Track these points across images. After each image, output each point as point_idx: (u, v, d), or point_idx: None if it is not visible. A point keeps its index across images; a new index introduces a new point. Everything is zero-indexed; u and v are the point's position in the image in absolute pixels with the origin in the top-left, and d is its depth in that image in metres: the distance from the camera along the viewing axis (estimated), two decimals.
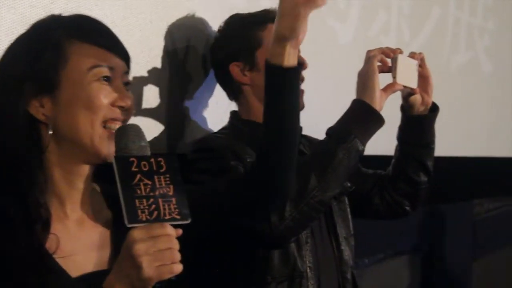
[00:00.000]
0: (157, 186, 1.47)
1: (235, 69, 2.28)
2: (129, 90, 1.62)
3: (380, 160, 2.57)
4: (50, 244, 1.51)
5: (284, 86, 1.72)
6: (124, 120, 1.60)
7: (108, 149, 1.56)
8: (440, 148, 2.54)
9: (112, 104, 1.57)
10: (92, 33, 1.59)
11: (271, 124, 1.76)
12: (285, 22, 1.69)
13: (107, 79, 1.57)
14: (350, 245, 2.37)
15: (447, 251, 4.57)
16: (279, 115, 1.74)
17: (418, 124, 2.40)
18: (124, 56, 1.64)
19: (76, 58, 1.56)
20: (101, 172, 1.64)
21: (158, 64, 2.33)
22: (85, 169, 1.60)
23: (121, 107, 1.58)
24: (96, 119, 1.55)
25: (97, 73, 1.56)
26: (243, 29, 2.29)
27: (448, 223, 4.56)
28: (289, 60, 1.70)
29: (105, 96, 1.56)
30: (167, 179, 1.49)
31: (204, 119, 2.52)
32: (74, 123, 1.54)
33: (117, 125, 1.57)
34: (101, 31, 1.62)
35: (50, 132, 1.56)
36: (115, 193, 1.60)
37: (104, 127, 1.56)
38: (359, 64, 2.22)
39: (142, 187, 1.46)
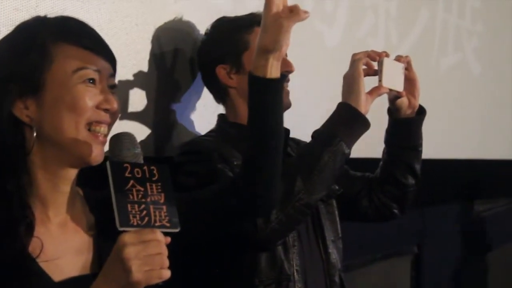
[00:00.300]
0: (149, 193, 1.50)
1: (221, 71, 2.28)
2: (115, 93, 1.61)
3: (368, 163, 2.57)
4: (33, 248, 1.50)
5: (267, 97, 1.76)
6: (110, 123, 1.60)
7: (92, 152, 1.56)
8: (429, 150, 2.54)
9: (97, 107, 1.56)
10: (77, 34, 1.59)
11: (255, 134, 1.79)
12: (269, 35, 1.73)
13: (93, 81, 1.57)
14: (337, 248, 2.37)
15: (436, 253, 4.57)
16: (262, 126, 1.78)
17: (405, 127, 2.41)
18: (110, 58, 1.63)
19: (61, 60, 1.55)
20: (83, 176, 1.64)
21: (144, 67, 2.32)
22: (70, 173, 1.60)
23: (106, 110, 1.58)
24: (80, 121, 1.54)
25: (82, 75, 1.55)
26: (230, 32, 2.29)
27: (438, 225, 4.57)
28: (272, 72, 1.74)
29: (90, 98, 1.55)
30: (159, 187, 1.51)
31: (191, 122, 2.52)
32: (59, 125, 1.54)
33: (102, 127, 1.57)
34: (86, 33, 1.62)
35: (35, 134, 1.55)
36: (98, 197, 1.62)
37: (89, 129, 1.56)
38: (346, 67, 2.22)
39: (135, 193, 1.48)
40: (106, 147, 1.59)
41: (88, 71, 1.56)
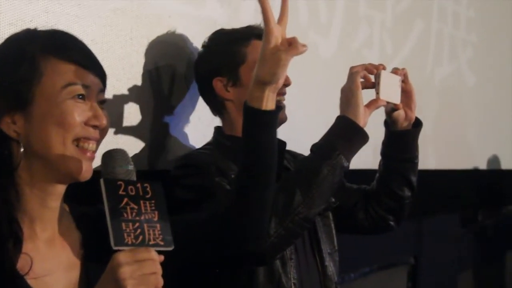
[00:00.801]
0: (143, 211, 1.49)
1: (218, 84, 2.27)
2: (104, 109, 1.60)
3: (364, 174, 2.56)
4: (22, 265, 1.48)
5: (261, 128, 1.77)
6: (98, 140, 1.58)
7: (80, 168, 1.54)
8: (424, 161, 2.53)
9: (86, 123, 1.54)
10: (67, 49, 1.56)
11: (248, 164, 1.79)
12: (266, 67, 1.73)
13: (82, 97, 1.54)
14: (334, 261, 2.37)
15: (433, 264, 4.56)
16: (255, 156, 1.78)
17: (401, 139, 2.40)
18: (100, 73, 1.61)
19: (51, 75, 1.53)
20: (69, 192, 1.62)
21: (139, 81, 2.31)
22: (57, 188, 1.58)
23: (95, 126, 1.56)
24: (68, 137, 1.52)
25: (72, 91, 1.53)
26: (227, 44, 2.28)
27: (433, 236, 4.56)
28: (268, 104, 1.75)
29: (78, 114, 1.53)
30: (153, 205, 1.50)
31: (186, 135, 2.51)
32: (46, 140, 1.52)
33: (91, 144, 1.55)
34: (77, 48, 1.60)
35: (22, 149, 1.53)
36: (84, 213, 1.62)
37: (77, 146, 1.54)
38: (342, 78, 2.21)
39: (129, 211, 1.47)
40: (94, 164, 1.57)
41: (77, 87, 1.54)
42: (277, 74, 1.73)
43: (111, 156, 1.54)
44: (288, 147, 2.35)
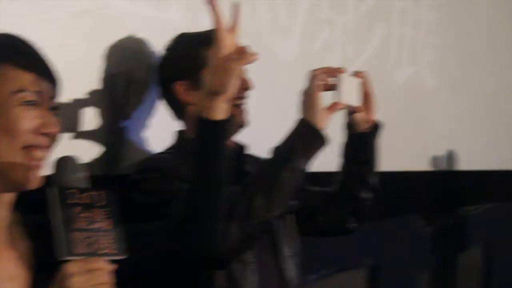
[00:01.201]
0: (96, 219, 1.46)
1: (180, 88, 2.26)
2: (57, 115, 1.55)
3: (325, 177, 2.57)
4: None
5: (211, 138, 1.78)
6: (49, 147, 1.53)
7: (28, 177, 1.49)
8: (384, 163, 2.55)
9: (36, 131, 1.49)
10: (18, 54, 1.52)
11: (198, 173, 1.80)
12: (217, 77, 1.74)
13: (32, 103, 1.50)
14: (295, 264, 2.37)
15: (393, 266, 4.58)
16: (205, 166, 1.78)
17: (361, 141, 2.42)
18: (53, 80, 1.56)
19: (1, 81, 1.48)
20: (20, 200, 1.57)
21: (97, 85, 2.29)
22: (5, 197, 1.53)
23: (45, 134, 1.51)
24: (16, 145, 1.47)
25: (21, 98, 1.48)
26: (190, 48, 2.27)
27: (393, 238, 4.58)
28: (218, 114, 1.75)
29: (29, 121, 1.48)
30: (106, 213, 1.48)
31: (144, 140, 2.49)
32: None
33: (40, 152, 1.50)
34: (28, 53, 1.55)
35: None
36: (36, 222, 1.56)
37: (26, 154, 1.49)
38: (303, 82, 2.21)
39: (80, 219, 1.44)
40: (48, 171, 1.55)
41: (27, 93, 1.49)
42: (227, 84, 1.73)
43: (62, 163, 1.51)
44: (249, 151, 2.34)
